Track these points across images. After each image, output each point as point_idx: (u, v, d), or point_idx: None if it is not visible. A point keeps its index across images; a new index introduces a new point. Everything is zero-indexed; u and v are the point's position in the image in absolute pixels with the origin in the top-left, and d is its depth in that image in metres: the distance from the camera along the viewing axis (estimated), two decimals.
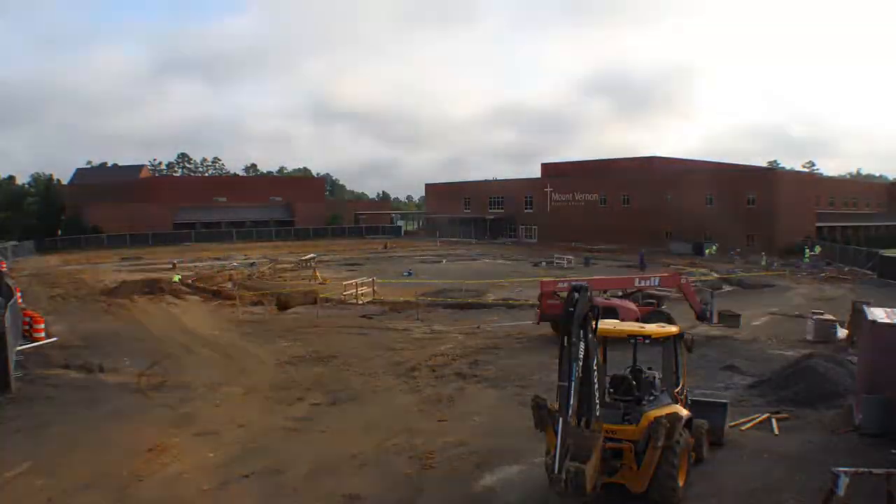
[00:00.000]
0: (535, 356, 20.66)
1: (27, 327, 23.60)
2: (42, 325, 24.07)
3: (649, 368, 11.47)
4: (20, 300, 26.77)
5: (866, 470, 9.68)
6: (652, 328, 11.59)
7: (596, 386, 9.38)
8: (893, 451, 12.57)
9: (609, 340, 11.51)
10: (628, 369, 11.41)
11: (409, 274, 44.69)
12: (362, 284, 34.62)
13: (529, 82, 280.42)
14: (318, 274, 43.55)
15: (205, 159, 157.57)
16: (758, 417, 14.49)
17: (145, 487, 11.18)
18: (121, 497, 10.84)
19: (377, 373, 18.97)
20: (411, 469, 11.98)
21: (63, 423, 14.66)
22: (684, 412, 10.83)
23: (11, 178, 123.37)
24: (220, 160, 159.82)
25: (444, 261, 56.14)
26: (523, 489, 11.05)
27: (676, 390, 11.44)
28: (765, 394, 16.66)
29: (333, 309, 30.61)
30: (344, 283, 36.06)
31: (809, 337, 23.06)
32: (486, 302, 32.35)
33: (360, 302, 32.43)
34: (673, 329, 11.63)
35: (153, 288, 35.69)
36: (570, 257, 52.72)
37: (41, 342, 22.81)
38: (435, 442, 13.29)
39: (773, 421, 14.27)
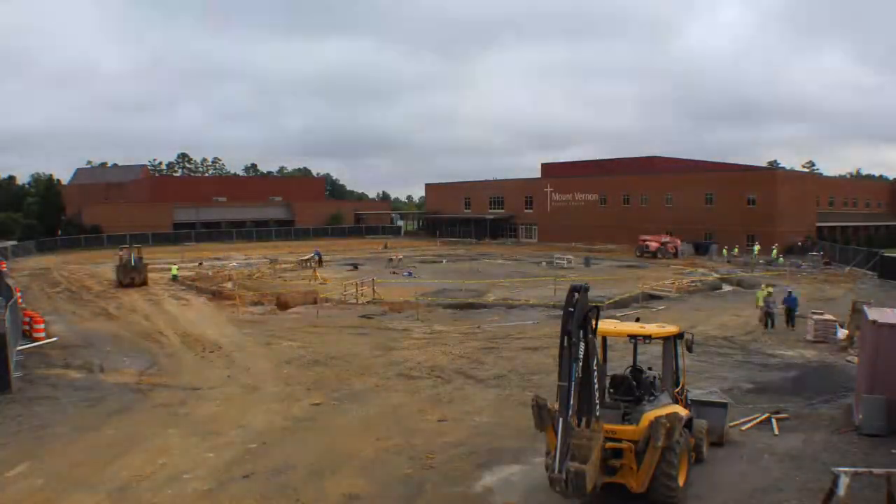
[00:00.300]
0: (535, 356, 20.67)
1: (27, 327, 23.64)
2: (42, 325, 24.10)
3: (649, 368, 11.48)
4: (20, 300, 26.78)
5: (866, 470, 9.70)
6: (652, 328, 11.59)
7: (596, 386, 9.39)
8: (893, 450, 12.58)
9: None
10: (628, 369, 11.42)
11: (410, 275, 44.63)
12: (362, 284, 34.61)
13: None
14: (318, 274, 43.56)
15: (205, 159, 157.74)
16: (758, 417, 14.49)
17: (145, 487, 11.18)
18: (120, 497, 10.83)
19: (377, 373, 18.97)
20: (411, 469, 11.97)
21: (63, 423, 14.68)
22: (684, 412, 10.85)
23: (11, 178, 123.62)
24: (220, 160, 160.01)
25: (444, 261, 56.14)
26: (523, 489, 11.05)
27: (676, 390, 11.46)
28: (765, 394, 16.66)
29: (333, 309, 30.61)
30: (344, 283, 36.06)
31: (809, 337, 23.05)
32: (486, 302, 32.33)
33: (360, 301, 32.43)
34: (673, 329, 11.64)
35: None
36: (570, 257, 52.70)
37: (41, 342, 22.82)
38: (435, 442, 13.30)
39: (773, 421, 14.27)
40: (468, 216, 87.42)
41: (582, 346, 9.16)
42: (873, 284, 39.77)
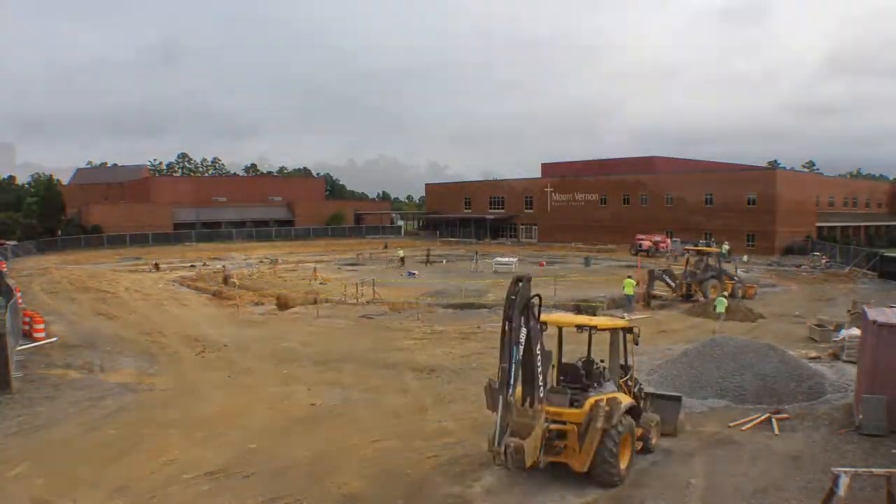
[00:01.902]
0: None
1: (27, 327, 23.62)
2: (42, 325, 24.08)
3: (601, 361, 12.05)
4: (20, 300, 26.78)
5: (866, 470, 9.72)
6: (600, 320, 12.53)
7: (540, 369, 10.08)
8: (894, 450, 12.58)
9: None
10: (580, 360, 11.99)
11: (412, 275, 44.50)
12: (362, 284, 34.59)
13: None
14: (318, 274, 43.56)
15: (205, 159, 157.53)
16: (758, 417, 14.49)
17: (145, 487, 11.18)
18: (121, 497, 10.82)
19: (377, 373, 18.97)
20: (411, 469, 11.98)
21: (63, 423, 14.68)
22: (626, 399, 11.41)
23: (11, 178, 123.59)
24: (220, 160, 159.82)
25: (444, 261, 56.09)
26: (523, 489, 11.05)
27: (623, 380, 12.06)
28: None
29: (333, 309, 30.60)
30: (344, 283, 36.03)
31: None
32: (486, 302, 32.29)
33: (361, 301, 32.40)
34: (620, 322, 12.58)
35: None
36: (514, 259, 52.59)
37: (41, 342, 22.81)
38: (435, 442, 13.30)
39: (773, 421, 14.28)
40: (468, 216, 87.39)
41: (524, 331, 9.87)
42: (873, 284, 39.77)
